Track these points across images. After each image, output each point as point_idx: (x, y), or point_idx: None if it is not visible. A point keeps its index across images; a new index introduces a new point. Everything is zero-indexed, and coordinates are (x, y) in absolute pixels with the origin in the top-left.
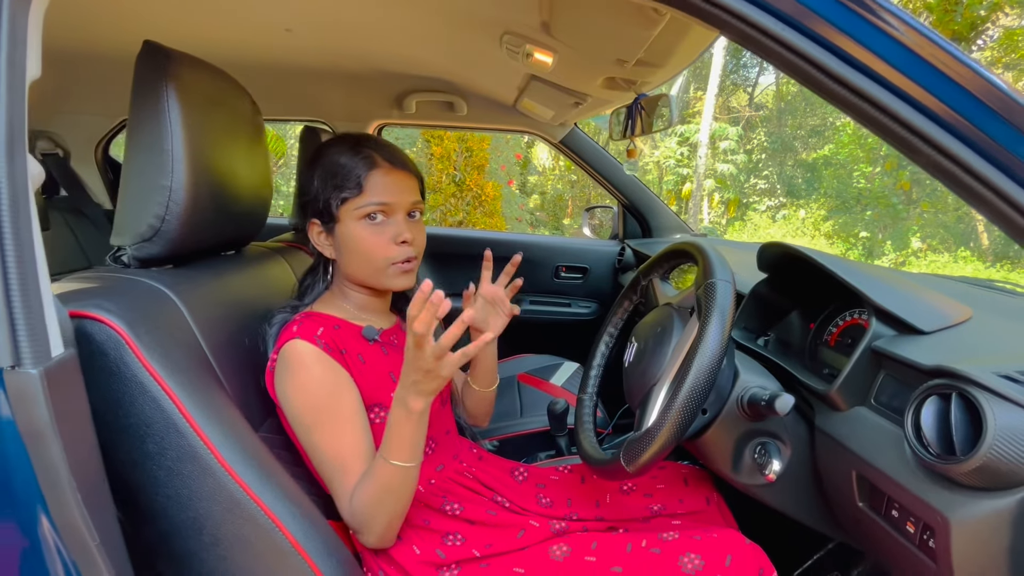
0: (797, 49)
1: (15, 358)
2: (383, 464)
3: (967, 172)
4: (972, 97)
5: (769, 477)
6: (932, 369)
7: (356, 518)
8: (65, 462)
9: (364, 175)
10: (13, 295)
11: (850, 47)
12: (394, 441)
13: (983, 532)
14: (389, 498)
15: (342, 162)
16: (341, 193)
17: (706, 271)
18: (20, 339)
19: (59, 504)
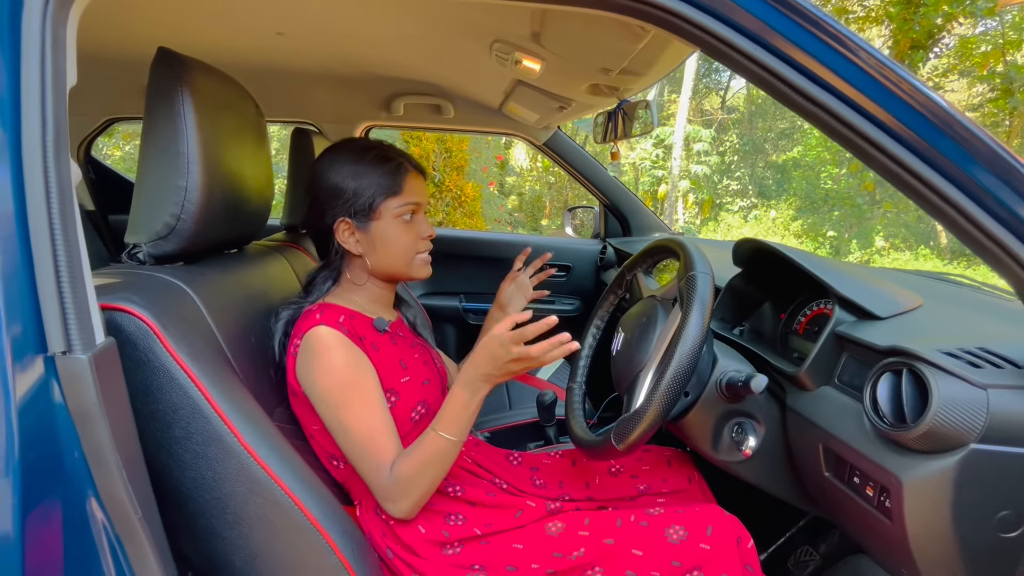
0: (763, 63)
1: (66, 344)
2: (436, 437)
3: (911, 175)
4: (915, 111)
5: (746, 453)
6: (886, 349)
7: (397, 486)
8: (111, 441)
9: (403, 176)
10: (64, 285)
11: (808, 62)
12: (451, 418)
13: (930, 489)
14: (433, 467)
15: (385, 166)
16: (385, 194)
17: (687, 264)
18: (70, 326)
19: (106, 480)
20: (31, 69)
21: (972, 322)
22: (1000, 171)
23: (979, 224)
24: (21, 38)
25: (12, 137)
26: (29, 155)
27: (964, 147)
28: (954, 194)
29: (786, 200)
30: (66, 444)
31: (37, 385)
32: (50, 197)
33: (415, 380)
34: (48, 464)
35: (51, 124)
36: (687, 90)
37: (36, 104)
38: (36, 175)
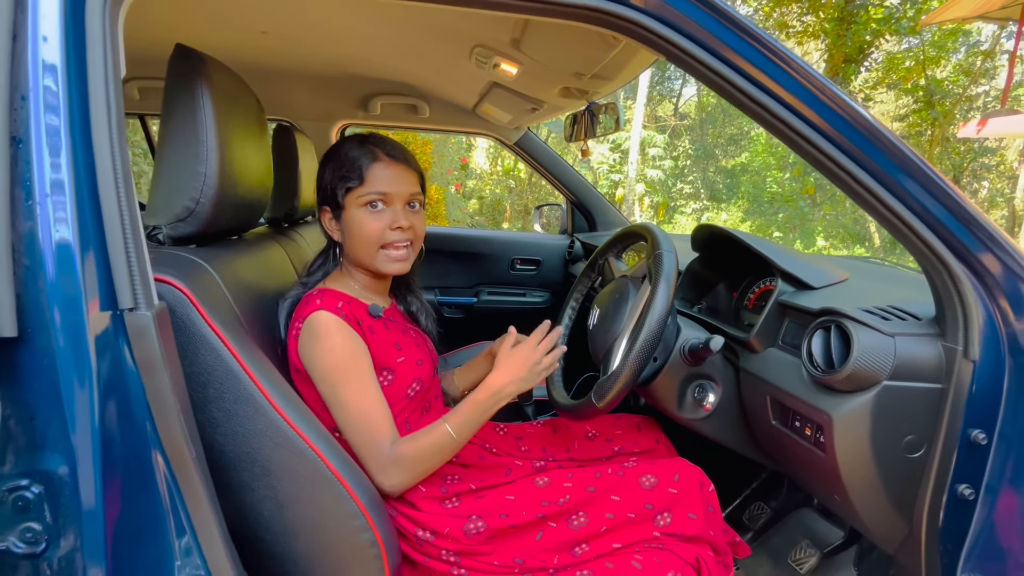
0: (717, 71)
1: (134, 302)
2: (445, 431)
3: (838, 166)
4: (834, 112)
5: (706, 407)
6: (819, 311)
7: (398, 461)
8: (171, 388)
9: (366, 167)
10: (131, 252)
11: (752, 71)
12: (464, 418)
13: (853, 422)
14: (436, 457)
15: (350, 155)
16: (346, 183)
17: (654, 245)
18: (136, 287)
19: (166, 424)
20: (96, 61)
21: (885, 289)
22: (904, 164)
23: (890, 206)
24: (85, 32)
25: (82, 123)
26: (99, 140)
27: (873, 141)
28: (869, 181)
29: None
30: (134, 392)
31: (110, 337)
32: (117, 175)
33: (409, 360)
34: (119, 408)
35: (114, 112)
36: (642, 97)
37: (102, 93)
38: (105, 157)
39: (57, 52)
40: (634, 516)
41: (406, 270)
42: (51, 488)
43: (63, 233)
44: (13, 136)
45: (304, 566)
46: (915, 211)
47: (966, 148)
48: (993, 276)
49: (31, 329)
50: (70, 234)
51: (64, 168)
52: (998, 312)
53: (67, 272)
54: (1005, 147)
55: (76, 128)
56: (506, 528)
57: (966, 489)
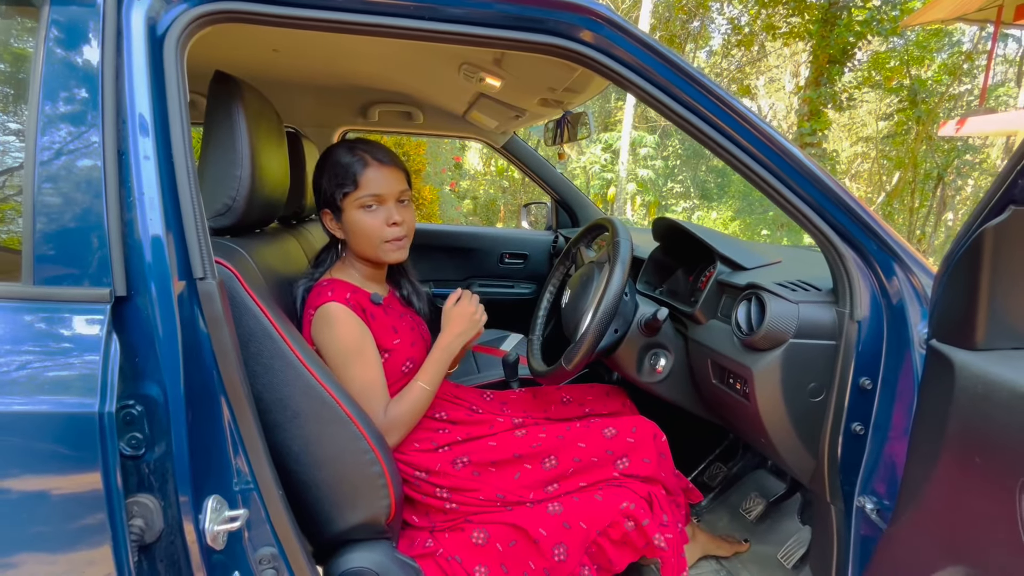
0: (651, 94)
1: (204, 272)
2: (419, 387)
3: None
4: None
5: (659, 370)
6: (745, 285)
7: (389, 422)
8: (230, 341)
9: (359, 172)
10: (200, 235)
11: (680, 94)
12: (431, 373)
13: (769, 373)
14: (417, 408)
15: (342, 163)
16: (343, 189)
17: (613, 234)
18: (205, 262)
19: (227, 368)
20: (172, 91)
21: (804, 269)
22: (795, 165)
23: (789, 200)
24: (164, 69)
25: (163, 133)
26: (176, 151)
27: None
28: (771, 179)
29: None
30: (203, 341)
31: (187, 299)
32: (190, 178)
33: (404, 342)
34: (195, 353)
35: (186, 129)
36: (632, 98)
37: (177, 115)
38: (181, 164)
39: (144, 85)
40: (597, 460)
41: (405, 257)
42: (149, 408)
43: (154, 222)
44: (119, 150)
45: (326, 491)
46: (808, 203)
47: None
48: (870, 252)
49: (135, 291)
50: (159, 222)
51: (153, 173)
52: (875, 281)
53: (157, 250)
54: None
55: (160, 142)
56: (488, 464)
57: (858, 426)
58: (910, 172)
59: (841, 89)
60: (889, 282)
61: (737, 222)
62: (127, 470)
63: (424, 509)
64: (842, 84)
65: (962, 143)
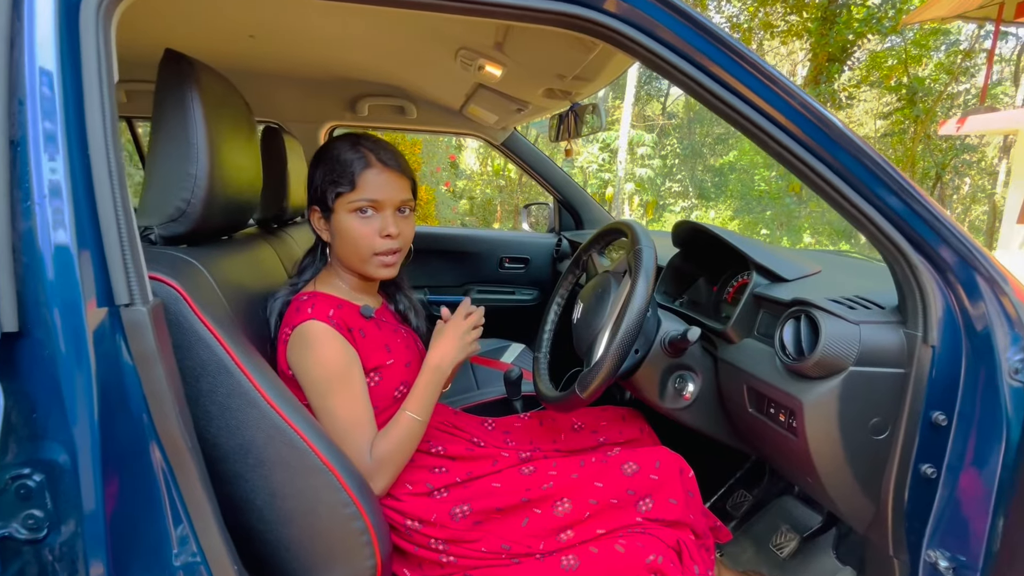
0: (689, 74)
1: (130, 297)
2: (408, 418)
3: (803, 164)
4: (800, 114)
5: (686, 396)
6: (790, 301)
7: (376, 464)
8: (167, 381)
9: (358, 173)
10: (126, 248)
11: (722, 74)
12: (417, 398)
13: (822, 406)
14: (407, 444)
15: (341, 159)
16: (337, 188)
17: (634, 240)
18: (132, 283)
19: (162, 415)
20: (90, 66)
21: (854, 281)
22: (865, 161)
23: (852, 201)
24: (80, 38)
25: (78, 127)
26: (94, 143)
27: (837, 141)
28: (833, 177)
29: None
30: (130, 385)
31: (107, 332)
32: (112, 177)
33: (398, 362)
34: (117, 400)
35: (109, 115)
36: (630, 96)
37: (96, 97)
38: (101, 159)
39: (52, 58)
40: (616, 502)
41: (394, 275)
42: (52, 477)
43: (61, 232)
44: (11, 139)
45: (296, 553)
46: (876, 206)
47: (948, 145)
48: (949, 265)
49: (31, 324)
50: (67, 233)
51: (61, 170)
52: (954, 299)
53: (65, 269)
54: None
55: (72, 131)
56: (491, 511)
57: (928, 468)
58: (908, 171)
59: (840, 88)
60: (972, 300)
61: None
62: (24, 559)
63: (416, 561)
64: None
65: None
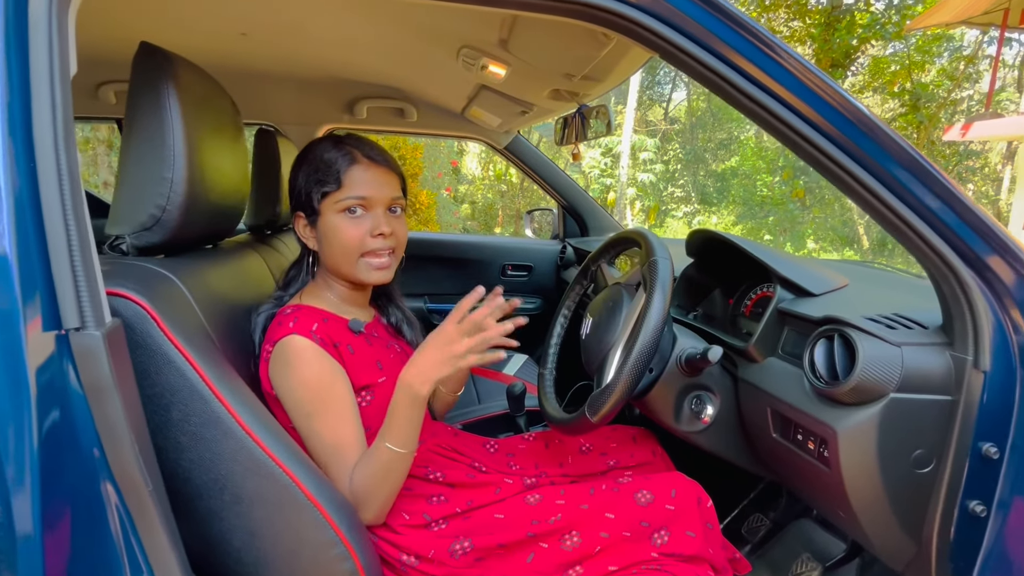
0: (713, 68)
1: (80, 321)
2: (384, 449)
3: (837, 166)
4: (835, 110)
5: (704, 420)
6: (821, 319)
7: (356, 496)
8: (123, 415)
9: (344, 170)
10: (77, 265)
11: (748, 67)
12: (394, 426)
13: (859, 435)
14: (388, 479)
15: (325, 158)
16: (322, 188)
17: (648, 251)
18: (84, 304)
19: (118, 454)
20: (39, 57)
21: (888, 295)
22: (911, 166)
23: (895, 210)
24: (28, 26)
25: (23, 125)
26: (41, 142)
27: (878, 142)
28: (872, 183)
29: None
30: (80, 420)
31: (53, 360)
32: (62, 181)
33: (391, 380)
34: (64, 439)
35: (60, 112)
36: (632, 101)
37: (46, 92)
38: (49, 161)
39: None
40: (630, 535)
41: (389, 279)
42: None
43: None
44: None
45: None
46: (921, 214)
47: (951, 151)
48: (1003, 282)
49: None
50: (6, 245)
51: (1, 173)
52: (1009, 320)
53: (2, 288)
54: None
55: (17, 131)
56: (494, 548)
57: (977, 505)
58: None
59: None
60: None
61: (739, 227)
62: None
63: None
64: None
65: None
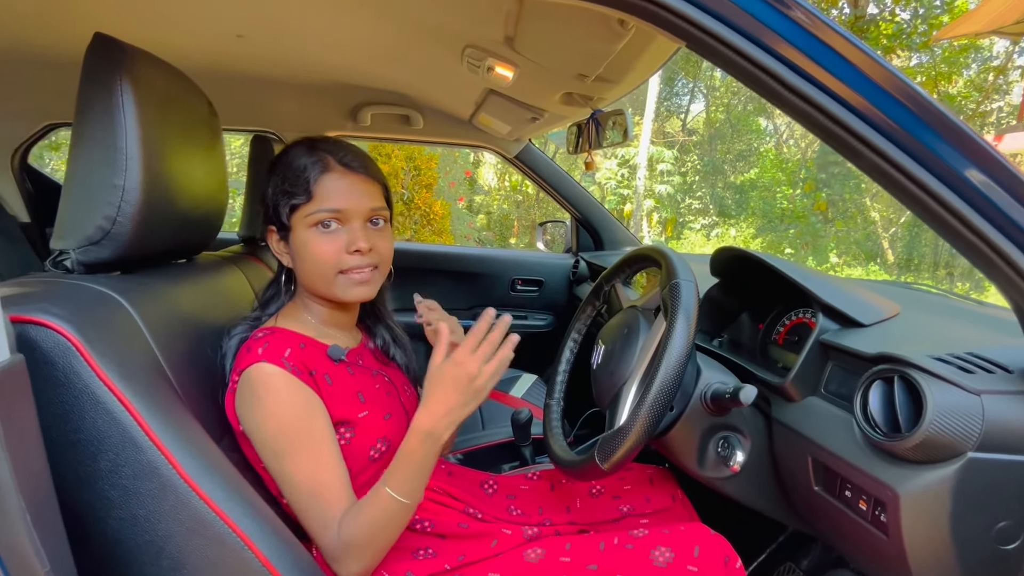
0: (755, 60)
1: None
2: (387, 497)
3: (905, 175)
4: (906, 108)
5: (734, 468)
6: (875, 356)
7: (346, 547)
8: (13, 479)
9: (315, 179)
10: None
11: (798, 58)
12: (403, 473)
13: (928, 502)
14: (387, 531)
15: (294, 165)
16: (291, 200)
17: (670, 272)
18: None
19: (5, 526)
20: None
21: (952, 327)
22: (994, 173)
23: (973, 227)
24: None
25: None
26: None
27: (956, 147)
28: (948, 196)
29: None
30: None
31: None
32: None
33: (375, 414)
34: None
35: None
36: (650, 112)
37: None
38: None
39: None
40: None
41: (371, 295)
42: None
43: None
44: None
45: None
46: (1009, 235)
47: None
48: None
49: None
50: None
51: None
52: None
53: None
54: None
55: None
56: None
57: None
58: None
59: None
60: None
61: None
62: None
63: None
64: None
65: None
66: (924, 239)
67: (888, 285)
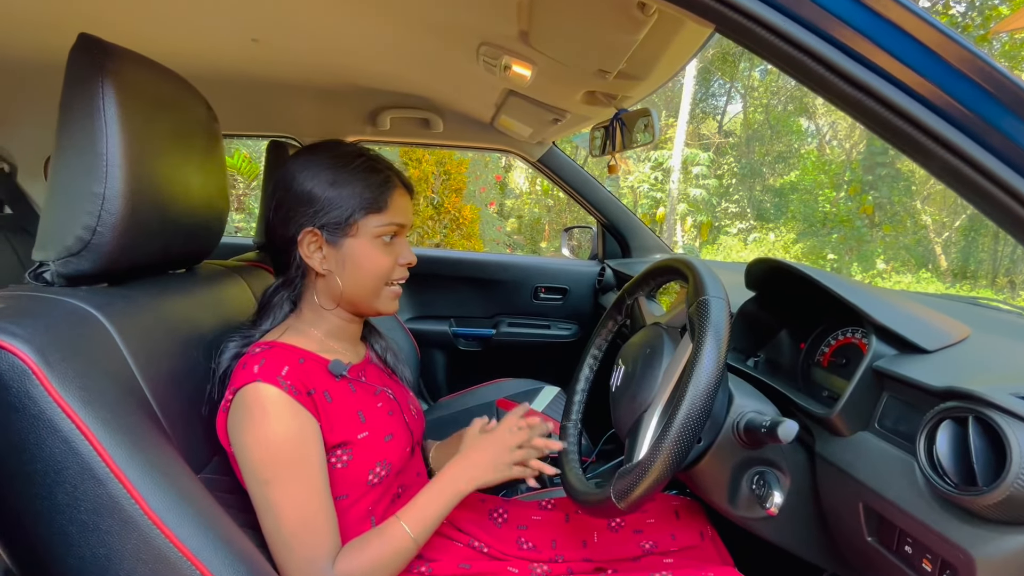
0: (800, 43)
1: None
2: (401, 532)
3: (981, 173)
4: (989, 96)
5: (771, 511)
6: (943, 391)
7: None
8: None
9: (390, 193)
10: None
11: (855, 41)
12: (422, 513)
13: (1012, 571)
14: (391, 566)
15: (370, 178)
16: (368, 209)
17: (698, 288)
18: None
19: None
20: None
21: None
22: None
23: None
24: None
25: None
26: None
27: None
28: None
29: (785, 223)
30: None
31: None
32: None
33: (375, 435)
34: None
35: None
36: (684, 114)
37: None
38: None
39: None
40: None
41: (397, 308)
42: None
43: None
44: None
45: None
46: None
47: None
48: None
49: None
50: None
51: None
52: None
53: None
54: None
55: None
56: None
57: None
58: None
59: None
60: None
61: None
62: None
63: None
64: None
65: None
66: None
67: (948, 300)
